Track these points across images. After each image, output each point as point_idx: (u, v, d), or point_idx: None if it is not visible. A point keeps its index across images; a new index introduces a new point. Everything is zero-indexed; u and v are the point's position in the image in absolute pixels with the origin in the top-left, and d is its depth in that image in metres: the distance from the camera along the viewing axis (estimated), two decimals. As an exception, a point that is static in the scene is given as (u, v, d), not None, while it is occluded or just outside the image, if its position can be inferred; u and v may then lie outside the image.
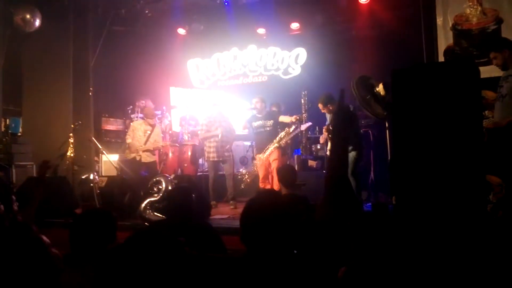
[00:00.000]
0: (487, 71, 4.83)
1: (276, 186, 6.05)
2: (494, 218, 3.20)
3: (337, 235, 1.96)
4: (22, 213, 3.02)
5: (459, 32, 6.62)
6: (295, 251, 1.71)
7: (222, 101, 7.58)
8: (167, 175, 7.30)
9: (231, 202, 6.58)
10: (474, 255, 2.07)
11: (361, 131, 6.53)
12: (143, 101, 9.03)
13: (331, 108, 5.89)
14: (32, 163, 7.30)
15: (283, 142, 6.24)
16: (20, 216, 2.95)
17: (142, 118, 7.24)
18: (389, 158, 5.26)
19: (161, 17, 9.24)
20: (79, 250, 2.06)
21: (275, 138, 6.25)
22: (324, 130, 6.10)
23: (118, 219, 2.37)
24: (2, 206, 2.67)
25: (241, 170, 8.14)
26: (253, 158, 7.47)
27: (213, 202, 6.57)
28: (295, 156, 7.59)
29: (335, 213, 1.77)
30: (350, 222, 2.02)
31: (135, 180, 6.56)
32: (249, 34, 9.30)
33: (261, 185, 6.33)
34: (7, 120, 7.80)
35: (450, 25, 6.70)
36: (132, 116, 8.81)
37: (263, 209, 1.66)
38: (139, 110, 8.94)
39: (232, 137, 6.93)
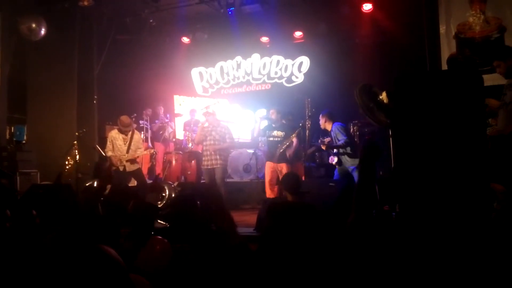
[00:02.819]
0: (490, 79, 4.83)
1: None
2: (498, 226, 3.18)
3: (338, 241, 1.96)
4: None
5: (462, 41, 6.63)
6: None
7: (218, 109, 7.50)
8: (170, 182, 7.31)
9: None
10: (479, 262, 2.07)
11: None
12: (150, 109, 9.05)
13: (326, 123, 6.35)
14: (36, 170, 7.33)
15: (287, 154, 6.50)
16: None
17: (119, 128, 6.91)
18: (392, 166, 5.25)
19: (165, 26, 9.31)
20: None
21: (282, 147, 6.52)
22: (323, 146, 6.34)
23: (121, 226, 2.38)
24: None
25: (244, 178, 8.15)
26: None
27: None
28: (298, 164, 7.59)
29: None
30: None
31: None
32: (252, 43, 9.35)
33: (267, 187, 6.50)
34: (12, 128, 7.84)
35: (453, 33, 6.71)
36: (141, 122, 8.79)
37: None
38: (148, 118, 8.97)
39: (225, 146, 6.83)
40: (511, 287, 2.04)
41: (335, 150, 6.22)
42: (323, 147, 6.37)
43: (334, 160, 6.29)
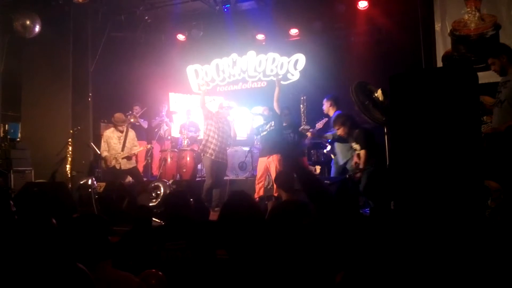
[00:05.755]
0: (485, 77, 4.85)
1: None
2: (493, 223, 3.19)
3: (335, 239, 1.95)
4: None
5: (457, 38, 6.63)
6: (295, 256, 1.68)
7: (232, 106, 7.47)
8: (165, 180, 7.30)
9: (216, 209, 6.50)
10: (473, 260, 2.07)
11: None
12: (137, 107, 8.98)
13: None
14: (31, 168, 7.29)
15: None
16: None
17: (114, 125, 6.94)
18: (387, 163, 5.26)
19: (160, 23, 9.26)
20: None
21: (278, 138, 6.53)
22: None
23: (114, 224, 2.36)
24: None
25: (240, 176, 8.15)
26: None
27: (216, 209, 6.48)
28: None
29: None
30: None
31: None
32: (248, 40, 9.32)
33: (257, 182, 6.49)
34: (6, 125, 7.80)
35: (448, 30, 6.72)
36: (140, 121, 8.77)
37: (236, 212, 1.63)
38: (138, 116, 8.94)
39: (228, 142, 6.97)
40: (507, 284, 2.05)
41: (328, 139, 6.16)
42: (309, 134, 6.23)
43: (327, 147, 6.23)
